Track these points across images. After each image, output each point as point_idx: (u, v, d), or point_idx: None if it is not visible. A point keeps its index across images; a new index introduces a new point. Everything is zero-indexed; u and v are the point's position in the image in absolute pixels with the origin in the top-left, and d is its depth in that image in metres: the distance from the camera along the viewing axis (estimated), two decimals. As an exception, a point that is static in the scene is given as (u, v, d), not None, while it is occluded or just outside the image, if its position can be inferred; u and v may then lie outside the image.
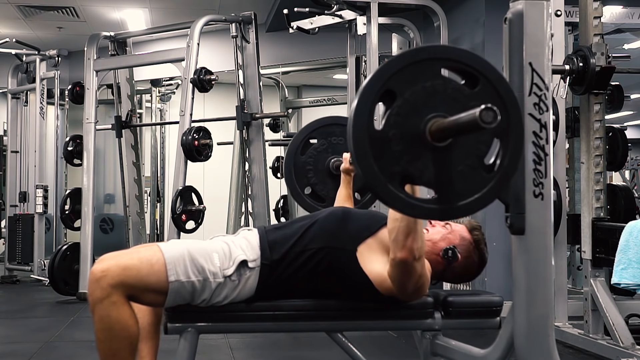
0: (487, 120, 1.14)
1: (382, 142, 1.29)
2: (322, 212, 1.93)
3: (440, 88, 1.31)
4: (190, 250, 1.75)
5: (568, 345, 3.43)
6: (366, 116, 1.28)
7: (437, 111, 1.30)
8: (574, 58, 3.32)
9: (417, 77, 1.30)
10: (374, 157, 1.28)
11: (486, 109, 1.13)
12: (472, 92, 1.33)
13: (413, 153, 1.30)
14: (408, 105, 1.30)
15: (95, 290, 1.66)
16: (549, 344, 1.49)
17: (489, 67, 1.34)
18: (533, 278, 1.48)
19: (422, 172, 1.30)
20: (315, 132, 2.58)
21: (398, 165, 1.29)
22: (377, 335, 3.63)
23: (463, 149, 1.32)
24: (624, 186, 4.25)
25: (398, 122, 1.30)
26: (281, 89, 7.39)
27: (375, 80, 1.29)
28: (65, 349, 3.55)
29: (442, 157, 1.31)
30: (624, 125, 7.15)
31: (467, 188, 1.33)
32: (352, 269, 1.77)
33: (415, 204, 1.32)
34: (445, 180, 1.31)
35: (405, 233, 1.58)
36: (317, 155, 2.55)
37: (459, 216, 1.37)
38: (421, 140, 1.30)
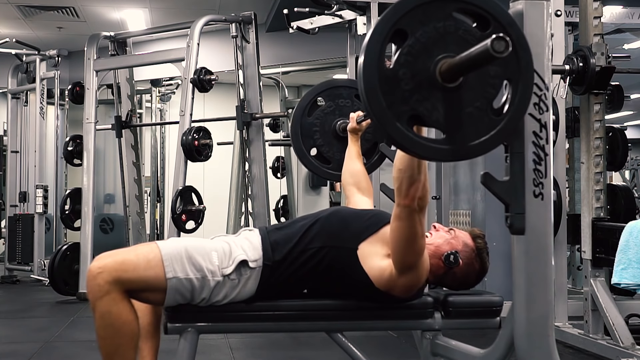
0: (499, 50, 1.13)
1: (392, 81, 1.28)
2: (324, 211, 1.94)
3: (452, 29, 1.31)
4: (187, 248, 1.75)
5: (568, 345, 3.43)
6: (377, 54, 1.27)
7: (448, 52, 1.30)
8: (574, 58, 3.32)
9: (429, 18, 1.30)
10: (383, 95, 1.27)
11: (497, 38, 1.13)
12: (483, 34, 1.32)
13: (422, 93, 1.29)
14: (419, 44, 1.29)
15: (93, 287, 1.67)
16: (549, 344, 1.49)
17: (501, 10, 1.33)
18: (533, 278, 1.48)
19: (431, 112, 1.30)
20: (322, 94, 2.56)
21: (407, 104, 1.29)
22: (377, 335, 3.63)
23: (472, 91, 1.31)
24: (624, 186, 4.25)
25: (408, 61, 1.29)
26: (281, 89, 7.40)
27: (387, 19, 1.29)
28: (65, 349, 3.55)
29: (451, 98, 1.30)
30: (624, 125, 7.15)
31: (475, 130, 1.32)
32: (352, 267, 1.78)
33: (423, 142, 1.31)
34: (454, 121, 1.31)
35: (409, 182, 1.59)
36: (323, 117, 2.54)
37: (466, 157, 1.36)
38: (431, 80, 1.29)
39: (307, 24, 4.85)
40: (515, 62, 1.32)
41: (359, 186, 2.25)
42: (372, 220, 1.86)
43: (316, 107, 2.56)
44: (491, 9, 1.33)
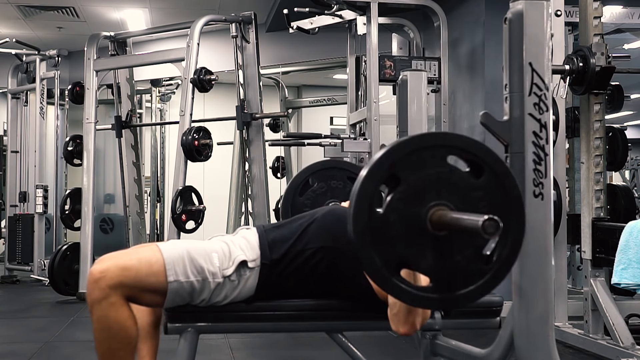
0: (489, 231, 1.15)
1: (382, 226, 1.29)
2: (320, 210, 1.93)
3: (445, 176, 1.31)
4: (189, 251, 1.74)
5: (568, 345, 3.43)
6: (368, 199, 1.29)
7: (440, 199, 1.30)
8: (574, 58, 3.32)
9: (423, 164, 1.31)
10: (373, 242, 1.28)
11: (489, 219, 1.15)
12: (476, 182, 1.33)
13: (412, 239, 1.30)
14: (411, 191, 1.30)
15: (93, 290, 1.66)
16: (549, 344, 1.49)
17: (496, 158, 1.34)
18: (533, 278, 1.48)
19: (419, 258, 1.31)
20: (315, 175, 2.59)
21: (396, 251, 1.30)
22: (377, 335, 3.63)
23: (461, 239, 1.32)
24: (624, 186, 4.25)
25: (400, 207, 1.30)
26: (281, 89, 7.40)
27: (380, 164, 1.30)
28: (65, 349, 3.55)
29: (440, 245, 1.31)
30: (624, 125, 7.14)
31: (463, 278, 1.32)
32: (352, 269, 1.77)
33: (411, 291, 1.31)
34: (442, 269, 1.31)
35: (406, 310, 1.57)
36: (315, 198, 2.55)
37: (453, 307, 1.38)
38: (421, 227, 1.30)
39: (307, 24, 4.84)
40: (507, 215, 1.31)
41: None
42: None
43: (308, 187, 2.57)
44: (486, 157, 1.33)
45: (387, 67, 4.50)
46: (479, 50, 4.73)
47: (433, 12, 4.74)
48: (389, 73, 4.50)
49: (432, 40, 5.01)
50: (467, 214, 1.25)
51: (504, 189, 1.32)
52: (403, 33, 5.08)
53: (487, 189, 1.32)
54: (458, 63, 5.00)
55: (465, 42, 4.93)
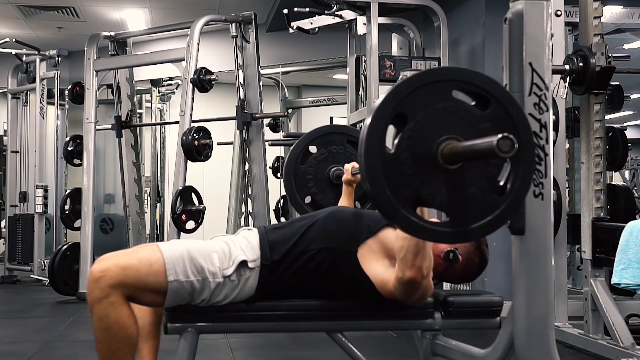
0: (505, 150, 1.14)
1: (394, 166, 1.28)
2: (322, 212, 1.93)
3: (452, 110, 1.31)
4: (189, 250, 1.74)
5: (568, 345, 3.43)
6: (378, 139, 1.28)
7: (449, 133, 1.30)
8: (574, 58, 3.32)
9: (429, 100, 1.30)
10: (386, 181, 1.27)
11: (504, 137, 1.14)
12: (483, 113, 1.33)
13: (425, 176, 1.30)
14: (419, 128, 1.30)
15: (94, 290, 1.66)
16: (549, 344, 1.49)
17: (500, 88, 1.34)
18: (533, 278, 1.48)
19: (434, 195, 1.30)
20: (314, 141, 2.58)
21: (410, 189, 1.29)
22: (377, 335, 3.63)
23: (474, 172, 1.32)
24: (624, 186, 4.25)
25: (410, 145, 1.29)
26: (281, 89, 7.39)
27: (386, 103, 1.29)
28: (65, 349, 3.55)
29: (453, 179, 1.31)
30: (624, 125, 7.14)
31: (478, 211, 1.32)
32: (353, 270, 1.77)
33: (428, 227, 1.31)
34: (457, 203, 1.31)
35: (414, 252, 1.58)
36: (317, 165, 2.55)
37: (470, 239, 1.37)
38: (433, 163, 1.30)
39: (307, 24, 4.85)
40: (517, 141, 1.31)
41: None
42: (371, 221, 1.85)
43: (309, 154, 2.56)
44: (490, 88, 1.33)
45: (387, 67, 4.50)
46: (479, 50, 4.73)
47: (433, 12, 4.74)
48: (389, 73, 4.50)
49: (432, 40, 5.01)
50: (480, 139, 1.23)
51: (511, 118, 1.32)
52: (403, 33, 5.08)
53: (495, 120, 1.32)
54: (458, 63, 5.00)
55: (465, 42, 4.93)
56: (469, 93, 1.34)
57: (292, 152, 2.57)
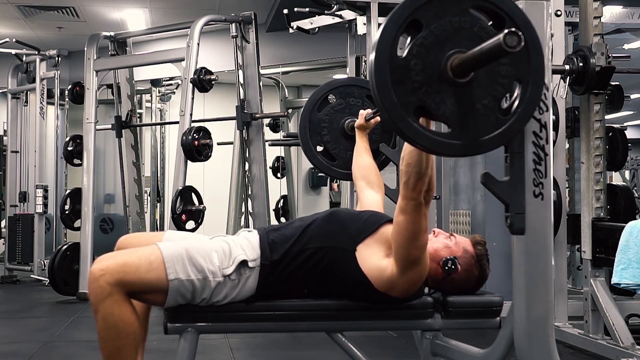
0: (511, 44, 1.13)
1: (403, 71, 1.28)
2: (321, 212, 1.94)
3: (467, 25, 1.31)
4: (188, 249, 1.75)
5: (568, 345, 3.43)
6: (390, 42, 1.27)
7: (461, 47, 1.30)
8: (574, 58, 3.32)
9: (446, 11, 1.30)
10: (393, 84, 1.27)
11: (510, 32, 1.13)
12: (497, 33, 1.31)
13: (432, 85, 1.29)
14: (433, 37, 1.29)
15: (95, 289, 1.67)
16: (549, 344, 1.49)
17: (518, 10, 1.34)
18: (533, 278, 1.48)
19: (438, 105, 1.30)
20: (334, 91, 2.57)
21: (415, 95, 1.29)
22: (377, 335, 3.63)
23: (482, 88, 1.32)
24: (624, 186, 4.25)
25: (421, 52, 1.29)
26: (281, 89, 7.40)
27: (403, 8, 1.29)
28: (65, 349, 3.55)
29: (460, 93, 1.30)
30: (624, 125, 7.15)
31: (480, 127, 1.32)
32: (350, 269, 1.78)
33: (429, 135, 1.31)
34: (461, 116, 1.31)
35: (417, 177, 1.59)
36: (333, 114, 2.54)
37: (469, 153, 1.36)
38: (442, 73, 1.29)
39: (307, 24, 4.84)
40: (526, 63, 1.31)
41: (368, 180, 2.25)
42: (370, 220, 1.86)
43: (327, 103, 2.56)
44: (508, 8, 1.33)
45: (387, 67, 4.50)
46: (479, 50, 4.72)
47: (433, 12, 4.73)
48: (389, 73, 4.49)
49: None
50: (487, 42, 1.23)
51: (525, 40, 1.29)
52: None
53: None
54: (458, 63, 4.99)
55: (465, 42, 4.92)
56: (487, 11, 1.34)
57: (310, 98, 2.57)
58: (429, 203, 1.67)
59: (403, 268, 1.70)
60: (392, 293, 1.76)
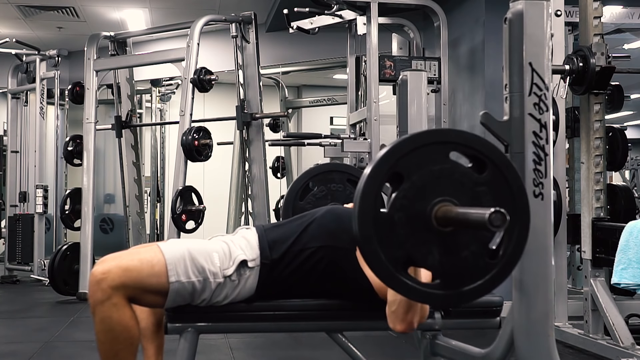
0: (496, 224, 1.15)
1: (388, 225, 1.29)
2: (320, 209, 1.93)
3: (448, 172, 1.31)
4: (190, 251, 1.75)
5: (568, 345, 3.43)
6: (373, 198, 1.28)
7: (444, 195, 1.30)
8: (574, 58, 3.32)
9: (426, 161, 1.31)
10: (379, 241, 1.28)
11: (496, 212, 1.14)
12: (479, 176, 1.33)
13: (418, 237, 1.30)
14: (415, 188, 1.30)
15: (96, 292, 1.66)
16: (549, 344, 1.49)
17: (498, 153, 1.34)
18: (533, 278, 1.48)
19: (426, 256, 1.31)
20: (314, 178, 2.60)
21: (402, 249, 1.29)
22: (377, 335, 3.63)
23: (467, 235, 1.32)
24: (624, 186, 4.24)
25: (404, 205, 1.30)
26: (281, 89, 7.40)
27: (383, 162, 1.29)
28: (65, 349, 3.55)
29: (445, 242, 1.31)
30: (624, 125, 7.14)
31: (470, 274, 1.33)
32: (352, 269, 1.77)
33: (418, 288, 1.32)
34: (449, 265, 1.31)
35: (405, 308, 1.58)
36: (315, 202, 2.57)
37: (460, 303, 1.38)
38: (426, 224, 1.30)
39: (307, 24, 4.84)
40: (511, 205, 1.31)
41: None
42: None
43: (308, 191, 2.58)
44: (488, 151, 1.33)
45: (387, 67, 4.50)
46: (479, 50, 4.73)
47: (433, 12, 4.74)
48: (389, 73, 4.50)
49: (432, 40, 5.01)
50: (473, 208, 1.24)
51: (507, 183, 1.32)
52: (403, 33, 5.08)
53: (491, 184, 1.32)
54: (458, 63, 5.00)
55: (465, 42, 4.93)
56: (467, 155, 1.34)
57: (291, 187, 2.61)
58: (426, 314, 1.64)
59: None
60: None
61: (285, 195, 2.60)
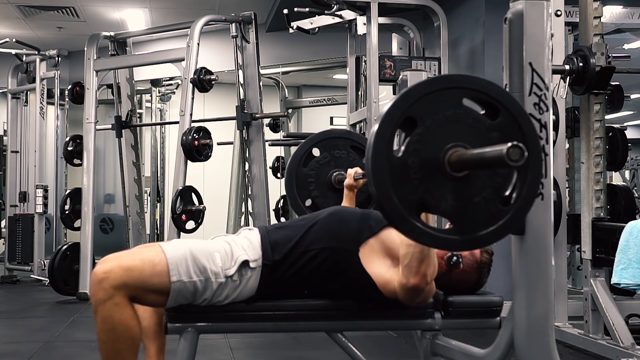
0: (514, 158, 1.13)
1: (401, 170, 1.28)
2: (323, 211, 1.93)
3: (461, 117, 1.31)
4: (192, 250, 1.75)
5: (568, 345, 3.43)
6: (386, 142, 1.27)
7: (457, 141, 1.30)
8: (574, 58, 3.32)
9: (439, 106, 1.30)
10: (392, 184, 1.27)
11: (514, 146, 1.12)
12: (492, 123, 1.32)
13: (431, 182, 1.29)
14: (428, 133, 1.30)
15: (98, 291, 1.66)
16: (549, 344, 1.49)
17: (511, 99, 1.34)
18: (533, 278, 1.48)
19: (439, 201, 1.30)
20: (318, 144, 2.58)
21: (415, 194, 1.29)
22: (377, 335, 3.63)
23: (480, 180, 1.31)
24: (624, 186, 4.24)
25: (418, 150, 1.29)
26: (281, 89, 7.40)
27: (397, 106, 1.29)
28: (65, 349, 3.55)
29: (459, 187, 1.30)
30: (624, 125, 7.14)
31: (483, 220, 1.32)
32: (354, 269, 1.78)
33: (431, 233, 1.31)
34: (462, 210, 1.31)
35: (419, 259, 1.59)
36: (319, 168, 2.55)
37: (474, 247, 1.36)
38: (440, 169, 1.29)
39: (307, 24, 4.85)
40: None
41: None
42: (372, 220, 1.85)
43: (312, 157, 2.56)
44: (501, 98, 1.33)
45: (387, 67, 4.51)
46: (479, 50, 4.73)
47: (433, 12, 4.74)
48: (389, 73, 4.50)
49: (432, 40, 5.01)
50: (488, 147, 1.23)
51: (520, 129, 1.31)
52: (403, 33, 5.08)
53: (504, 130, 1.32)
54: (458, 63, 5.00)
55: (465, 42, 4.93)
56: (479, 101, 1.34)
57: (295, 154, 2.57)
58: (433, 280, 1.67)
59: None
60: (398, 298, 1.75)
61: (289, 162, 2.57)
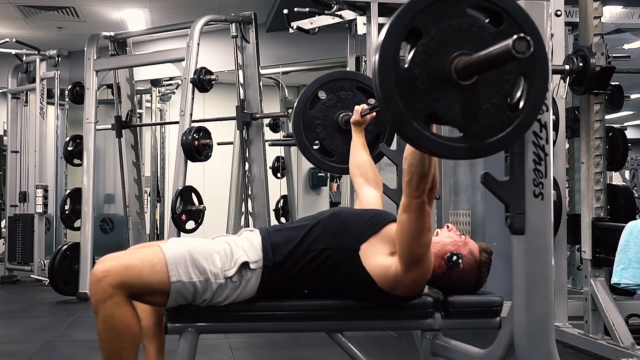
0: (521, 50, 1.12)
1: (408, 81, 1.27)
2: (324, 212, 1.93)
3: (466, 26, 1.31)
4: (191, 251, 1.75)
5: (568, 345, 3.43)
6: (392, 54, 1.27)
7: (463, 49, 1.30)
8: (574, 58, 3.32)
9: (443, 15, 1.30)
10: (400, 95, 1.26)
11: (519, 38, 1.12)
12: (497, 30, 1.32)
13: (438, 91, 1.29)
14: (434, 43, 1.29)
15: (97, 290, 1.67)
16: (549, 344, 1.49)
17: (515, 5, 1.33)
18: (533, 278, 1.48)
19: (447, 110, 1.30)
20: (324, 87, 2.56)
21: (423, 103, 1.28)
22: (377, 335, 3.63)
23: (488, 88, 1.31)
24: (624, 186, 4.25)
25: (424, 60, 1.29)
26: (281, 89, 7.40)
27: (401, 17, 1.28)
28: (65, 349, 3.55)
29: (467, 95, 1.30)
30: (624, 125, 7.15)
31: (491, 127, 1.32)
32: (354, 268, 1.78)
33: (441, 141, 1.30)
34: (470, 119, 1.31)
35: (420, 176, 1.59)
36: (325, 110, 2.53)
37: (484, 154, 1.35)
38: (447, 78, 1.29)
39: (307, 24, 4.85)
40: (530, 58, 1.29)
41: (365, 177, 2.25)
42: (373, 220, 1.86)
43: (318, 100, 2.55)
44: (505, 4, 1.33)
45: (387, 67, 4.50)
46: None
47: (433, 12, 4.73)
48: (389, 73, 4.49)
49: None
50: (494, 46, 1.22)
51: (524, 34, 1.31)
52: (403, 33, 5.07)
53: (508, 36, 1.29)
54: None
55: (465, 42, 4.92)
56: (483, 9, 1.33)
57: (301, 97, 2.55)
58: (432, 201, 1.68)
59: (407, 266, 1.71)
60: (396, 292, 1.76)
61: (295, 105, 2.55)
